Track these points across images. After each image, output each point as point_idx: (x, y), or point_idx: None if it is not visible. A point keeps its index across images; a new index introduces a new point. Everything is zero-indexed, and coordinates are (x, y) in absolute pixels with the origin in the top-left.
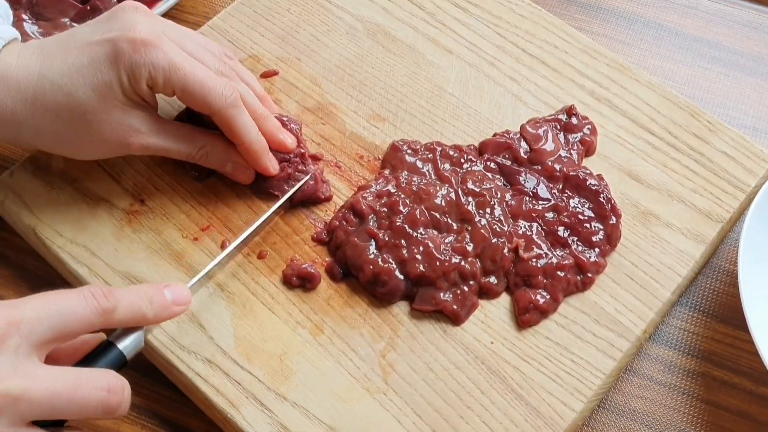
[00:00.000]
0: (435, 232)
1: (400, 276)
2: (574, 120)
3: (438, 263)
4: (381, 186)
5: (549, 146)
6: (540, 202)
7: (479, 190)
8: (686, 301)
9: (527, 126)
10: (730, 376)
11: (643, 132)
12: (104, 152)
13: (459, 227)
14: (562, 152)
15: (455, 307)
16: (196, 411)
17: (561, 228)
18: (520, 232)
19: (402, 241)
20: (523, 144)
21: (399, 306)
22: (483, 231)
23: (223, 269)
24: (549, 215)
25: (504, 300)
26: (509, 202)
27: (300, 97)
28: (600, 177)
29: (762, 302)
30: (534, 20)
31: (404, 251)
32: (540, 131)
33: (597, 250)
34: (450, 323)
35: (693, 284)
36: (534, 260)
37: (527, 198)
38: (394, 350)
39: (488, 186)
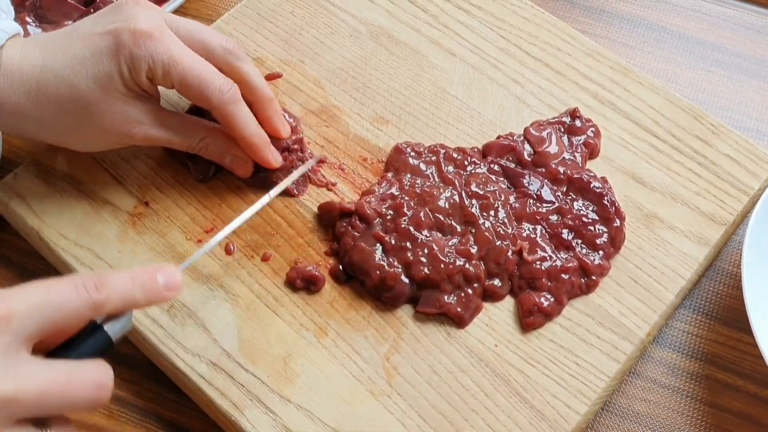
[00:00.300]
0: (439, 235)
1: (406, 280)
2: (578, 122)
3: (442, 266)
4: (385, 189)
5: (553, 149)
6: (544, 205)
7: (483, 193)
8: (690, 304)
9: (531, 128)
10: (734, 379)
11: (647, 135)
12: (106, 144)
13: (463, 230)
14: (566, 155)
15: (459, 310)
16: (200, 413)
17: (565, 230)
18: (524, 235)
19: (407, 244)
20: (527, 146)
21: (403, 309)
22: (487, 233)
23: (228, 272)
24: (553, 218)
25: (508, 303)
26: (513, 205)
27: (304, 100)
28: (604, 179)
29: (766, 305)
30: (537, 23)
31: (409, 254)
32: (544, 134)
33: (601, 253)
34: (454, 326)
35: (696, 287)
36: (538, 263)
37: (531, 200)
38: (398, 353)
39: (492, 188)
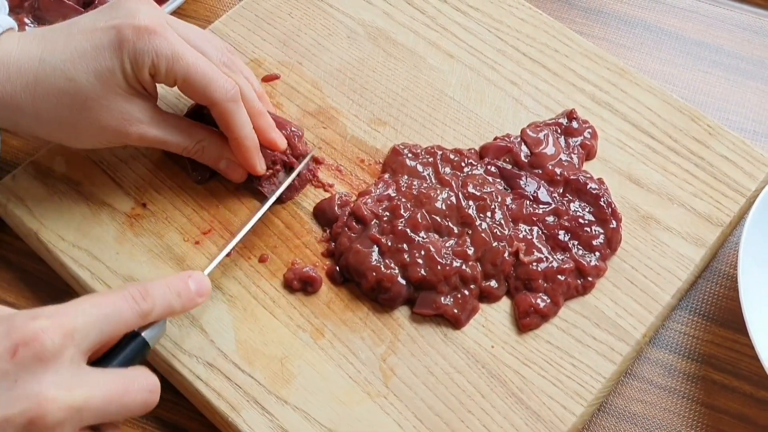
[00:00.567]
0: (436, 236)
1: (402, 281)
2: (575, 124)
3: (439, 267)
4: (381, 191)
5: (549, 150)
6: (540, 206)
7: (480, 194)
8: (686, 305)
9: (528, 130)
10: (730, 380)
11: (644, 136)
12: (102, 141)
13: (460, 231)
14: (563, 156)
15: (456, 311)
16: (197, 414)
17: (561, 232)
18: (521, 236)
19: (404, 245)
20: (524, 148)
21: (400, 310)
22: (484, 235)
23: (225, 273)
24: (549, 219)
25: (504, 304)
26: (510, 206)
27: (301, 101)
28: (600, 181)
29: (762, 306)
30: (534, 24)
31: (406, 255)
32: (541, 135)
33: (597, 254)
34: (450, 327)
35: (693, 288)
36: (534, 264)
37: (528, 202)
38: (395, 354)
39: (489, 190)
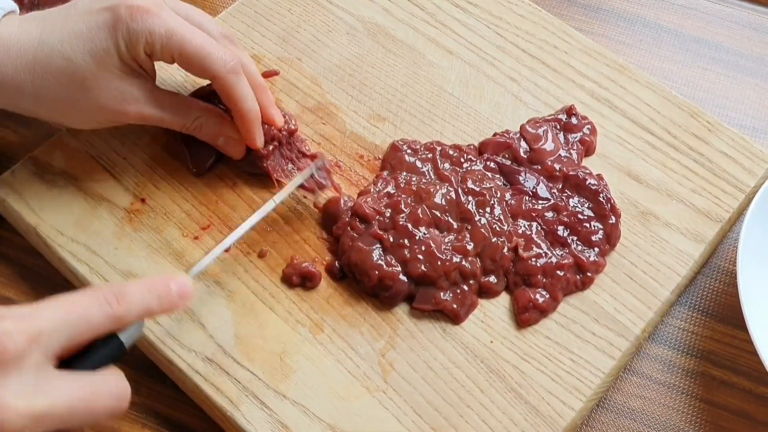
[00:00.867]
0: (436, 232)
1: (404, 278)
2: (574, 120)
3: (439, 263)
4: (381, 188)
5: (549, 146)
6: (540, 202)
7: (479, 190)
8: (685, 301)
9: (527, 126)
10: (729, 376)
11: (643, 132)
12: (100, 120)
13: (459, 226)
14: (562, 152)
15: (455, 307)
16: (196, 409)
17: (560, 227)
18: (520, 232)
19: (405, 241)
20: (523, 144)
21: (399, 305)
22: (483, 230)
23: (224, 268)
24: (548, 215)
25: (504, 299)
26: (509, 202)
27: (300, 97)
28: (599, 177)
29: (761, 302)
30: (534, 20)
31: (406, 251)
32: (540, 131)
33: (596, 250)
34: (449, 322)
35: (692, 284)
36: (533, 259)
37: (527, 197)
38: (394, 349)
39: (488, 185)
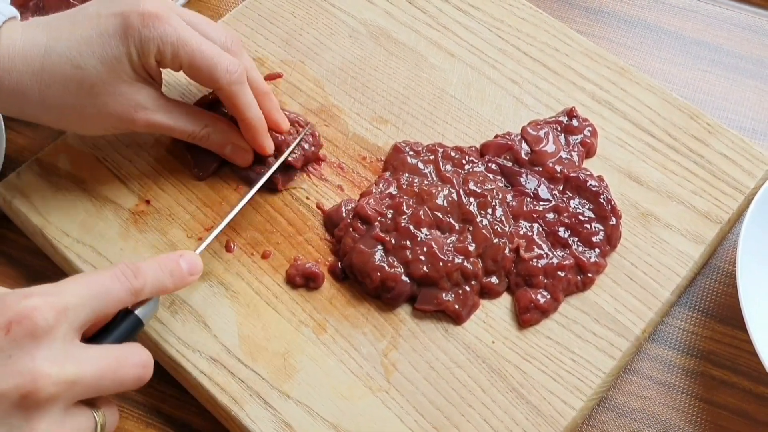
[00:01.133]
0: (438, 233)
1: (406, 279)
2: (575, 122)
3: (441, 264)
4: (383, 188)
5: (550, 148)
6: (541, 203)
7: (481, 191)
8: (685, 301)
9: (528, 128)
10: (729, 376)
11: (643, 134)
12: (107, 127)
13: (461, 227)
14: (563, 154)
15: (457, 307)
16: (201, 409)
17: (561, 228)
18: (521, 233)
19: (407, 242)
20: (524, 145)
21: (401, 306)
22: (484, 231)
23: (228, 269)
24: (550, 216)
25: (505, 300)
26: (510, 203)
27: (303, 100)
28: (600, 178)
29: (760, 302)
30: (535, 23)
31: (408, 252)
32: (541, 133)
33: (597, 251)
34: (451, 323)
35: (692, 284)
36: (535, 260)
37: (528, 199)
38: (396, 349)
39: (489, 187)
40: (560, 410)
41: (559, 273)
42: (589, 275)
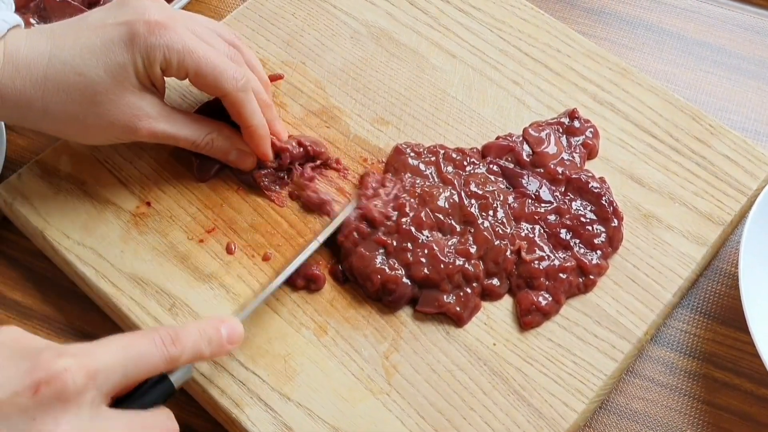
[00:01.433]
0: (439, 235)
1: (407, 281)
2: (577, 123)
3: (442, 266)
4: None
5: (551, 149)
6: (542, 205)
7: (482, 193)
8: (687, 303)
9: (530, 129)
10: (731, 378)
11: (645, 135)
12: (110, 137)
13: (462, 229)
14: (565, 155)
15: (458, 309)
16: (202, 411)
17: (563, 230)
18: (523, 235)
19: (408, 244)
20: (526, 147)
21: (402, 308)
22: (486, 233)
23: (229, 271)
24: (551, 218)
25: (506, 302)
26: (512, 205)
27: (305, 101)
28: (602, 180)
29: (763, 304)
30: (537, 24)
31: (409, 254)
32: (542, 134)
33: (599, 253)
34: (453, 325)
35: (694, 286)
36: (536, 262)
37: (530, 200)
38: (397, 351)
39: (491, 188)
40: (562, 413)
41: (561, 275)
42: (591, 277)
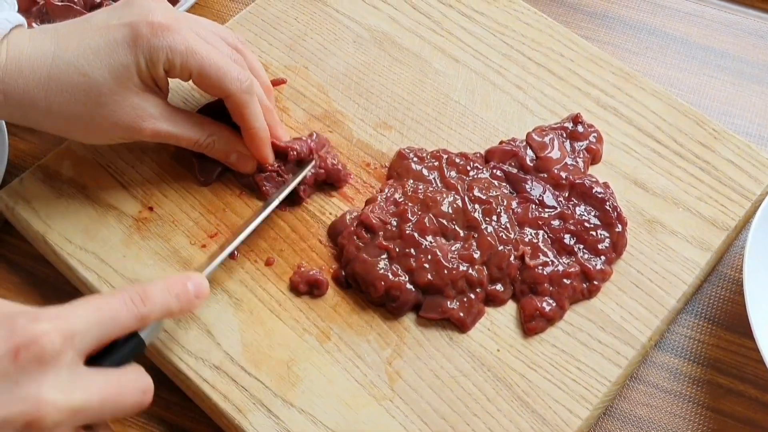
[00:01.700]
0: (443, 240)
1: (410, 287)
2: (580, 128)
3: (446, 271)
4: (388, 194)
5: (555, 154)
6: (546, 210)
7: (485, 198)
8: (691, 309)
9: (533, 134)
10: (736, 384)
11: (649, 140)
12: (113, 137)
13: (465, 234)
14: (568, 160)
15: (462, 315)
16: (204, 417)
17: (567, 236)
18: (527, 240)
19: (412, 250)
20: (529, 152)
21: (405, 313)
22: (489, 238)
23: (231, 276)
24: (555, 223)
25: (510, 307)
26: (515, 210)
27: (307, 105)
28: (606, 185)
29: (767, 309)
30: (540, 29)
31: (413, 260)
32: (546, 139)
33: (603, 258)
34: (456, 331)
35: (698, 292)
36: (540, 268)
37: (533, 206)
38: (401, 357)
39: (494, 193)
40: (566, 419)
41: (565, 280)
42: (595, 283)
